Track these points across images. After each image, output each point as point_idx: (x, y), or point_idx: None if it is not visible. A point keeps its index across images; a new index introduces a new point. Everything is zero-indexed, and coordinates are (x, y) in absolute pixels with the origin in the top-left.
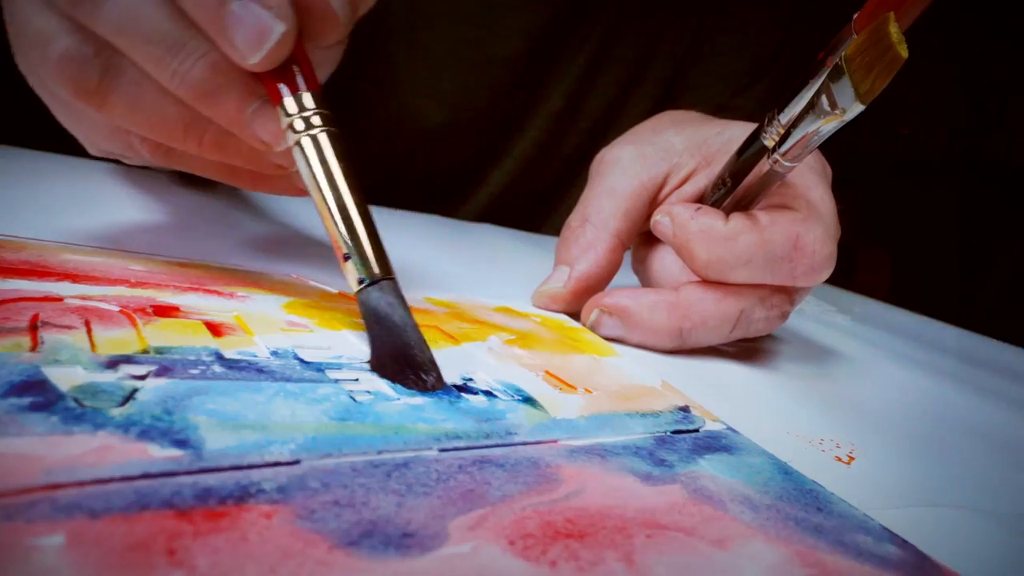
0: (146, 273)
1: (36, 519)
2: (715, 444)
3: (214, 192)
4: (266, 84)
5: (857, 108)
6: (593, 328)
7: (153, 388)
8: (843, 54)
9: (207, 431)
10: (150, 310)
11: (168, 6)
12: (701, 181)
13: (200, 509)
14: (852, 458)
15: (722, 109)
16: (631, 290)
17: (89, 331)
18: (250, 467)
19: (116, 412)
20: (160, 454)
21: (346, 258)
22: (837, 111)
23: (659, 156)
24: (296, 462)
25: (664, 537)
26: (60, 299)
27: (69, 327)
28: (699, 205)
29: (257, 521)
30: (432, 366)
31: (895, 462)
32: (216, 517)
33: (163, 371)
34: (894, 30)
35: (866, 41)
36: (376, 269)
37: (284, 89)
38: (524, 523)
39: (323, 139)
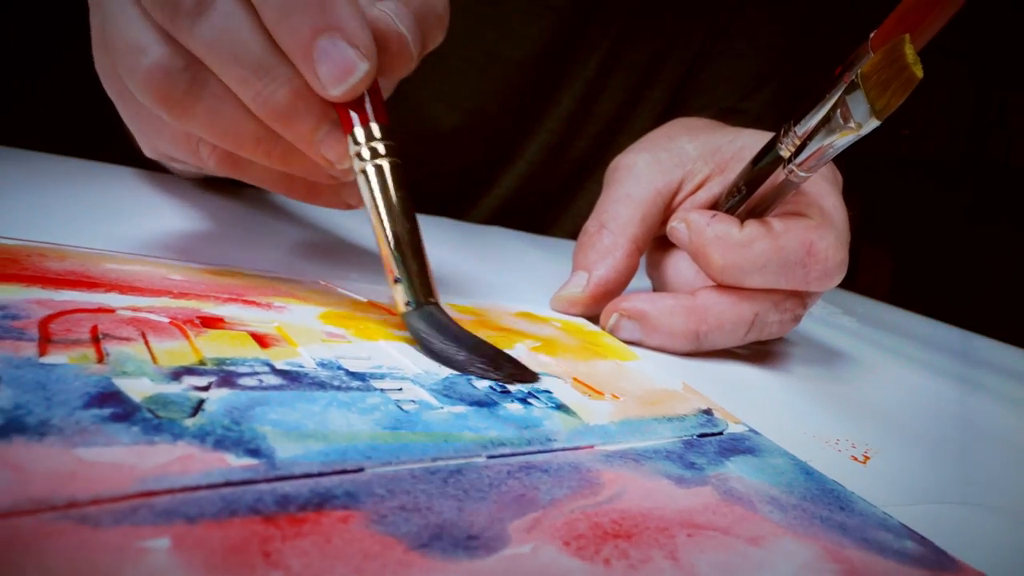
0: (186, 283)
1: (140, 523)
2: (739, 446)
3: (236, 198)
4: (339, 112)
5: (873, 124)
6: (612, 331)
7: (217, 399)
8: (859, 71)
9: (275, 440)
10: (197, 321)
11: (261, 32)
12: (715, 187)
13: (283, 515)
14: (867, 458)
15: (730, 112)
16: (649, 295)
17: (147, 343)
18: (320, 475)
19: (189, 423)
20: (237, 463)
21: (396, 281)
22: (853, 125)
23: (673, 163)
24: (360, 470)
25: (703, 536)
26: (112, 311)
27: (128, 339)
28: (714, 212)
29: (336, 525)
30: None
31: (908, 461)
32: (299, 522)
33: (222, 382)
34: (910, 51)
35: (882, 60)
36: (423, 296)
37: (355, 119)
38: (575, 524)
39: (387, 169)
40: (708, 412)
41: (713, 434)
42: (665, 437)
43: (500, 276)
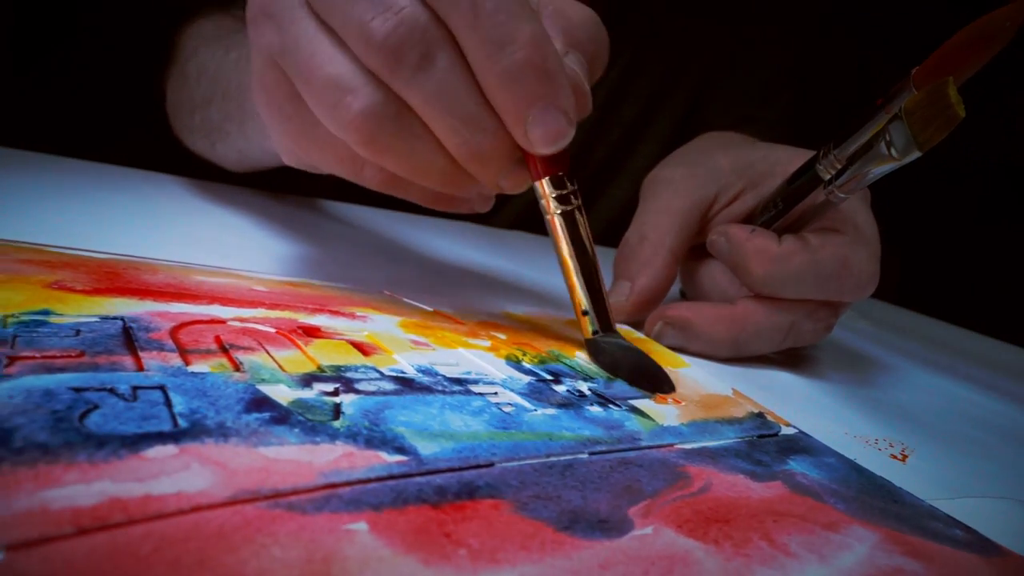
0: (271, 294)
1: (337, 510)
2: (795, 446)
3: (283, 206)
4: (530, 163)
5: (914, 155)
6: (657, 338)
7: (349, 403)
8: (903, 107)
9: (413, 439)
10: (300, 331)
11: (475, 88)
12: (749, 201)
13: (445, 503)
14: (906, 456)
15: (748, 119)
16: (691, 304)
17: (267, 352)
18: (460, 469)
19: (337, 424)
20: (391, 459)
21: (584, 313)
22: (895, 155)
23: (709, 177)
24: (491, 464)
25: (786, 522)
26: (224, 321)
27: (250, 349)
28: (753, 227)
29: (490, 512)
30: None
31: (942, 460)
32: (461, 509)
33: (347, 388)
34: (953, 92)
35: (926, 99)
36: (608, 326)
37: (542, 170)
38: (680, 511)
39: (576, 216)
40: (760, 415)
41: (769, 435)
42: (729, 438)
43: (529, 281)
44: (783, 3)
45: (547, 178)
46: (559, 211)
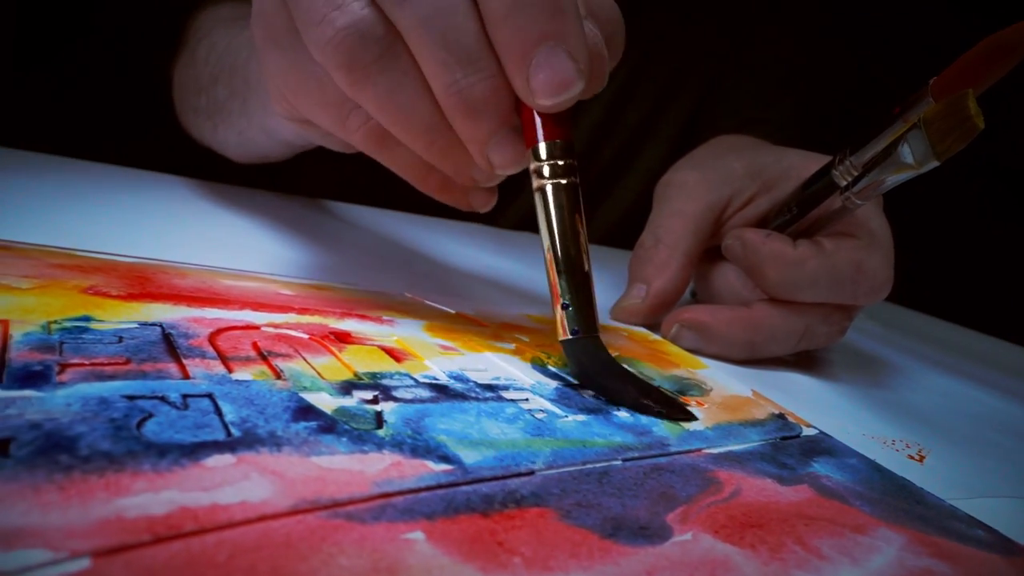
0: (298, 298)
1: (393, 520)
2: (817, 448)
3: (290, 207)
4: (526, 120)
5: (932, 164)
6: (673, 340)
7: (389, 411)
8: (922, 117)
9: (455, 448)
10: (332, 337)
11: (476, 20)
12: (763, 205)
13: (493, 512)
14: (923, 456)
15: (753, 121)
16: (707, 307)
17: (304, 359)
18: (503, 478)
19: (382, 433)
20: (438, 468)
21: (564, 307)
22: (914, 164)
23: (722, 181)
24: (531, 472)
25: (817, 525)
26: (257, 327)
27: (287, 356)
28: (768, 231)
29: (538, 520)
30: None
31: (957, 460)
32: (510, 518)
33: (385, 396)
34: (972, 104)
35: (946, 110)
36: (589, 327)
37: (543, 132)
38: (715, 516)
39: (568, 191)
40: (782, 416)
41: (792, 437)
42: (753, 441)
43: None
44: (789, 5)
45: (544, 143)
46: (551, 183)
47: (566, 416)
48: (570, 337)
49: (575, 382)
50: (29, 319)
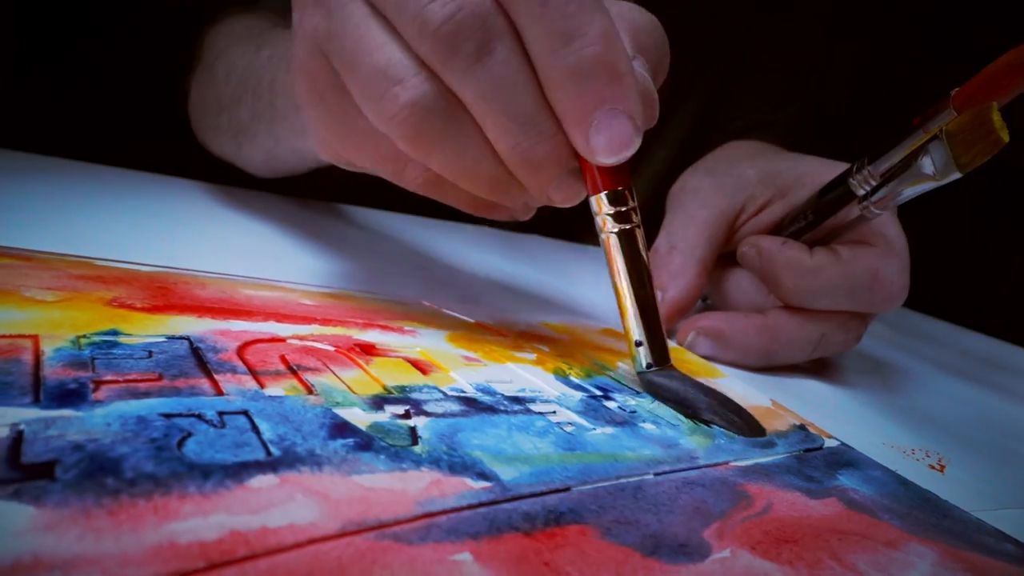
0: (319, 308)
1: (439, 540)
2: (840, 460)
3: (303, 211)
4: (587, 172)
5: (954, 175)
6: (689, 347)
7: (422, 426)
8: (944, 128)
9: (491, 464)
10: (357, 349)
11: (534, 86)
12: (776, 211)
13: (535, 531)
14: (943, 466)
15: (760, 124)
16: (723, 314)
17: (333, 372)
18: (541, 494)
19: (418, 450)
20: (476, 485)
21: (638, 344)
22: (935, 175)
23: (736, 187)
24: (567, 489)
25: (850, 540)
26: (283, 340)
27: (316, 369)
28: (784, 239)
29: (579, 538)
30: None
31: (977, 469)
32: (552, 536)
33: (416, 410)
34: (997, 117)
35: (969, 123)
36: (663, 359)
37: (601, 183)
38: (751, 532)
39: (636, 235)
40: (803, 427)
41: (815, 449)
42: (778, 453)
43: (555, 289)
44: (797, 7)
45: (605, 192)
46: (616, 230)
47: (594, 429)
48: (646, 371)
49: (599, 393)
50: (58, 333)
